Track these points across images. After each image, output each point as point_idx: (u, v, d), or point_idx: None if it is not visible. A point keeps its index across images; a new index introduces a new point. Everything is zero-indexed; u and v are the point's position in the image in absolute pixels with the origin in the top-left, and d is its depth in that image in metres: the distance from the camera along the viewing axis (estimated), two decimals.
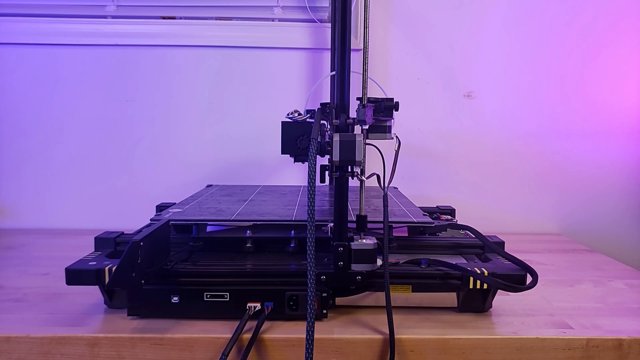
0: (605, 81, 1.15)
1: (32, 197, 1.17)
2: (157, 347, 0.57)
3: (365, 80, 0.64)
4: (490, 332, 0.60)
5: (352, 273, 0.62)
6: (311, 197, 0.53)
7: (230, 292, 0.61)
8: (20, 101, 1.15)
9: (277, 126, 0.66)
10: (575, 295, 0.74)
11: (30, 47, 1.14)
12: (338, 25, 0.63)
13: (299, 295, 0.61)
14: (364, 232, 0.64)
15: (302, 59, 1.16)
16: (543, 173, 1.17)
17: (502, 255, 0.69)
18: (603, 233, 1.17)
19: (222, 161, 1.18)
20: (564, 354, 0.58)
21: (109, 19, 1.15)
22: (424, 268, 0.65)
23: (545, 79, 1.15)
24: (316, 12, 1.14)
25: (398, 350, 0.57)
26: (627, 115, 1.16)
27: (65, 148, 1.16)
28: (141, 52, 1.15)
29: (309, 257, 0.52)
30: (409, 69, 1.16)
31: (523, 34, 1.15)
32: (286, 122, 0.66)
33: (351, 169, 0.61)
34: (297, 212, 0.78)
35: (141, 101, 1.16)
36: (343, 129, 0.61)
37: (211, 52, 1.15)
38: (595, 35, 1.14)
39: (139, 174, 1.17)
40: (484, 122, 1.17)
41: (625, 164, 1.17)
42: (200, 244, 0.70)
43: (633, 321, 0.64)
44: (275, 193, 0.96)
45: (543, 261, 0.90)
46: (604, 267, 0.89)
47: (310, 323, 0.50)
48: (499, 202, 1.18)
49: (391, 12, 1.14)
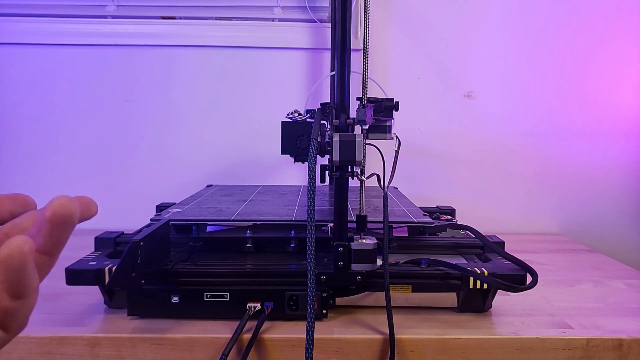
0: (604, 81, 1.15)
1: (31, 197, 1.16)
2: (157, 347, 0.57)
3: (365, 80, 0.64)
4: (490, 332, 0.60)
5: (352, 273, 0.62)
6: (311, 197, 0.53)
7: (230, 292, 0.61)
8: (20, 101, 1.15)
9: (277, 126, 0.66)
10: (575, 295, 0.74)
11: (30, 47, 1.14)
12: (338, 25, 0.63)
13: (299, 295, 0.61)
14: (364, 232, 0.64)
15: (302, 59, 1.16)
16: (543, 173, 1.17)
17: (502, 255, 0.69)
18: (603, 233, 1.17)
19: (222, 161, 1.18)
20: (564, 354, 0.58)
21: (108, 19, 1.15)
22: (424, 268, 0.65)
23: (545, 79, 1.15)
24: (316, 12, 1.14)
25: (398, 350, 0.57)
26: (627, 115, 1.16)
27: (65, 148, 1.16)
28: (141, 52, 1.15)
29: (309, 257, 0.52)
30: (409, 69, 1.16)
31: (523, 34, 1.15)
32: (286, 122, 0.66)
33: (351, 169, 0.61)
34: (297, 212, 0.78)
35: (141, 101, 1.16)
36: (343, 129, 0.61)
37: (211, 52, 1.15)
38: (594, 35, 1.14)
39: (139, 174, 1.17)
40: (484, 122, 1.17)
41: (625, 164, 1.17)
42: (200, 244, 0.70)
43: (633, 321, 0.64)
44: (275, 193, 0.96)
45: (543, 261, 0.90)
46: (604, 267, 0.89)
47: (310, 323, 0.50)
48: (499, 202, 1.18)
49: (391, 12, 1.14)
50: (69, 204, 0.25)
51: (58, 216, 0.25)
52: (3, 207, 0.30)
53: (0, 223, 0.29)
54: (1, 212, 0.30)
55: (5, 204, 0.30)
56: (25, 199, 0.31)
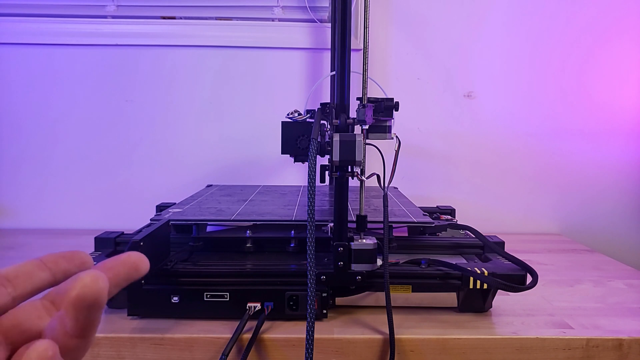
0: (605, 81, 1.15)
1: (31, 197, 1.17)
2: (157, 347, 0.57)
3: (365, 80, 0.64)
4: (490, 332, 0.60)
5: (352, 273, 0.62)
6: (311, 197, 0.53)
7: (230, 292, 0.61)
8: (19, 101, 1.15)
9: (277, 126, 0.66)
10: (575, 295, 0.74)
11: (30, 47, 1.14)
12: (338, 25, 0.63)
13: (299, 295, 0.61)
14: (364, 232, 0.64)
15: (302, 59, 1.16)
16: (543, 173, 1.17)
17: (502, 255, 0.69)
18: (603, 233, 1.17)
19: (222, 161, 1.18)
20: (564, 354, 0.58)
21: (108, 19, 1.15)
22: (424, 268, 0.65)
23: (545, 79, 1.15)
24: (316, 12, 1.14)
25: (398, 350, 0.57)
26: (627, 115, 1.16)
27: (65, 148, 1.16)
28: (141, 52, 1.15)
29: (309, 257, 0.52)
30: (409, 69, 1.16)
31: (523, 34, 1.15)
32: (286, 122, 0.66)
33: (351, 169, 0.61)
34: (297, 212, 0.78)
35: (141, 101, 1.16)
36: (343, 129, 0.61)
37: (211, 52, 1.15)
38: (595, 35, 1.14)
39: (139, 174, 1.17)
40: (484, 122, 1.17)
41: (625, 164, 1.17)
42: (200, 244, 0.70)
43: (633, 321, 0.64)
44: (275, 193, 0.96)
45: (543, 261, 0.90)
46: (604, 267, 0.89)
47: (310, 323, 0.50)
48: (499, 202, 1.18)
49: (391, 12, 1.14)
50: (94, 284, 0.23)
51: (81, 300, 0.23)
52: (57, 268, 0.28)
53: (55, 283, 0.28)
54: (55, 272, 0.28)
55: (60, 263, 0.28)
56: (81, 258, 0.29)
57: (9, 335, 0.26)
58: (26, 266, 0.27)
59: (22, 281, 0.27)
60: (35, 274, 0.27)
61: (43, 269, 0.28)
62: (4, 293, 0.26)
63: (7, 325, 0.26)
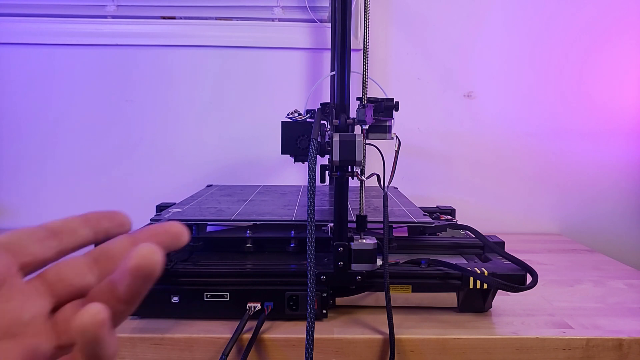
0: (605, 81, 1.15)
1: (31, 197, 1.17)
2: (157, 347, 0.57)
3: (365, 80, 0.64)
4: (490, 332, 0.60)
5: (352, 273, 0.62)
6: (311, 197, 0.53)
7: (230, 292, 0.61)
8: (19, 101, 1.15)
9: (277, 126, 0.66)
10: (575, 295, 0.74)
11: (30, 47, 1.14)
12: (338, 25, 0.63)
13: (299, 295, 0.61)
14: (364, 232, 0.64)
15: (302, 59, 1.16)
16: (543, 173, 1.17)
17: (502, 255, 0.69)
18: (603, 233, 1.17)
19: (222, 161, 1.18)
20: (564, 354, 0.58)
21: (108, 19, 1.15)
22: (424, 268, 0.65)
23: (545, 79, 1.15)
24: (316, 12, 1.14)
25: (398, 350, 0.57)
26: (627, 115, 1.16)
27: (65, 148, 1.16)
28: (141, 52, 1.15)
29: (309, 257, 0.52)
30: (409, 69, 1.16)
31: (523, 34, 1.15)
32: (286, 122, 0.66)
33: (351, 169, 0.61)
34: (297, 212, 0.78)
35: (141, 101, 1.16)
36: (343, 129, 0.61)
37: (211, 52, 1.15)
38: (595, 35, 1.14)
39: (139, 174, 1.17)
40: (484, 122, 1.17)
41: (625, 163, 1.17)
42: (200, 244, 0.70)
43: (633, 321, 0.64)
44: (275, 193, 0.96)
45: (543, 261, 0.90)
46: (604, 267, 0.89)
47: (310, 323, 0.50)
48: (499, 202, 1.18)
49: (391, 12, 1.14)
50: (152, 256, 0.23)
51: (139, 270, 0.23)
52: (99, 227, 0.29)
53: (96, 242, 0.29)
54: (97, 232, 0.29)
55: (102, 222, 0.29)
56: (121, 219, 0.30)
57: (53, 288, 0.26)
58: (71, 222, 0.28)
59: (67, 236, 0.27)
60: (79, 231, 0.28)
61: (86, 226, 0.28)
62: (50, 246, 0.27)
63: (52, 278, 0.26)
